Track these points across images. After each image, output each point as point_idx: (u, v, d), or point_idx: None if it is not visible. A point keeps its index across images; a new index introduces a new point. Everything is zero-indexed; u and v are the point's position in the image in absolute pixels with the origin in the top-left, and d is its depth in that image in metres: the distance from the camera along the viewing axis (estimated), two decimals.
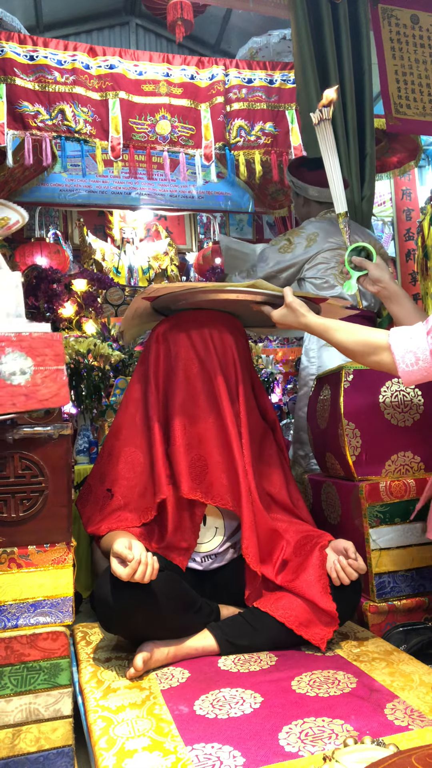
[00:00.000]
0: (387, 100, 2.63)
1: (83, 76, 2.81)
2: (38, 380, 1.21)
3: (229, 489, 1.58)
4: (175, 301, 1.66)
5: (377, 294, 1.66)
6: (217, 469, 1.58)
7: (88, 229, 5.59)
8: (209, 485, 1.57)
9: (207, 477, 1.58)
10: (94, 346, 3.11)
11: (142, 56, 2.95)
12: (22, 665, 1.21)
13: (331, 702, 1.20)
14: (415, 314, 1.59)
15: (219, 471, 1.58)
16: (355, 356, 1.45)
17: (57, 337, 1.25)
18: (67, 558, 1.28)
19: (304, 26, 2.38)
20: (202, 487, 1.57)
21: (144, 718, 1.18)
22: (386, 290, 1.63)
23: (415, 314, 1.59)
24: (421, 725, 1.10)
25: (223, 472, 1.59)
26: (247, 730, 1.12)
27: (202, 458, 1.59)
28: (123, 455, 1.65)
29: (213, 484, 1.58)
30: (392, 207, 5.92)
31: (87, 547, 2.42)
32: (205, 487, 1.57)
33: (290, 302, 1.52)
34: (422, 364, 1.31)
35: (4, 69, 2.70)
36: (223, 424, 1.60)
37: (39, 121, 2.74)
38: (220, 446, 1.60)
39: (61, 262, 4.74)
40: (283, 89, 3.06)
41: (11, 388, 1.19)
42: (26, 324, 1.27)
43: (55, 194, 4.75)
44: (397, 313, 1.63)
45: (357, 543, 1.55)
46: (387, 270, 1.65)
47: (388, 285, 1.63)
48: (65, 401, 1.23)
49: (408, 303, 1.63)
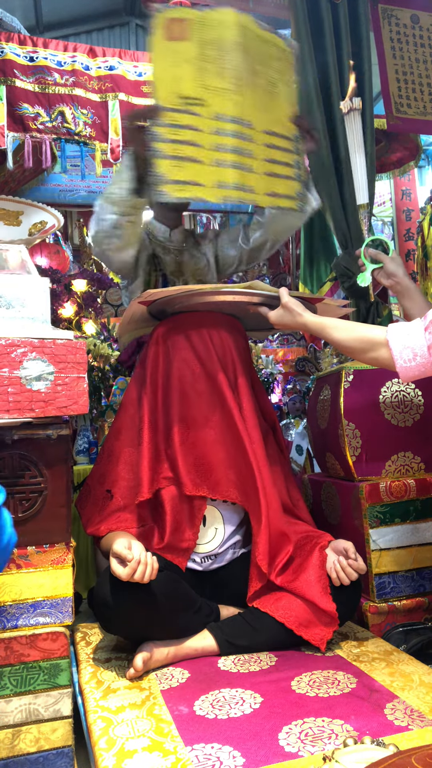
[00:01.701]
0: (387, 100, 2.63)
1: (83, 77, 2.81)
2: (58, 387, 1.21)
3: (237, 484, 1.59)
4: (171, 305, 1.66)
5: (390, 288, 1.65)
6: (223, 466, 1.59)
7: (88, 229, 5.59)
8: (216, 481, 1.58)
9: (213, 474, 1.58)
10: (94, 347, 3.11)
11: (141, 57, 2.95)
12: (21, 665, 1.21)
13: (331, 702, 1.20)
14: (425, 310, 1.55)
15: (225, 467, 1.59)
16: (353, 353, 1.45)
17: (80, 345, 1.25)
18: (67, 558, 1.28)
19: (304, 26, 2.38)
20: (209, 483, 1.58)
21: (144, 719, 1.18)
22: (400, 285, 1.62)
23: (425, 310, 1.55)
24: (421, 725, 1.10)
25: (230, 468, 1.59)
26: (247, 730, 1.12)
27: (207, 456, 1.59)
28: (123, 456, 1.65)
29: (220, 481, 1.58)
30: (392, 207, 5.92)
31: (87, 547, 2.43)
32: (212, 483, 1.58)
33: (286, 302, 1.52)
34: (420, 359, 1.31)
35: (4, 71, 2.70)
36: (230, 422, 1.60)
37: (39, 123, 2.74)
38: (227, 443, 1.60)
39: (60, 263, 4.74)
40: None
41: (31, 393, 1.19)
42: (51, 330, 1.27)
43: (55, 195, 4.75)
44: (409, 308, 1.62)
45: (357, 543, 1.55)
46: (402, 265, 1.64)
47: (402, 280, 1.62)
48: (84, 410, 1.23)
49: (420, 299, 1.62)
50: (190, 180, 1.58)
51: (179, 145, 1.58)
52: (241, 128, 1.63)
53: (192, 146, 1.59)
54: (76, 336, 1.33)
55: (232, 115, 1.62)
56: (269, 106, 1.70)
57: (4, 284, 1.28)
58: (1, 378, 1.18)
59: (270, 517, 1.56)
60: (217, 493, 1.58)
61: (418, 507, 1.74)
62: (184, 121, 1.59)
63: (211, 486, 1.58)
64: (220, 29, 1.61)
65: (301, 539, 1.59)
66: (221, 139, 1.60)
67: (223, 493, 1.58)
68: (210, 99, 1.61)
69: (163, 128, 1.57)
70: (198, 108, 1.60)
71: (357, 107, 1.61)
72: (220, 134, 1.61)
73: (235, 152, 1.62)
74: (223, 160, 1.60)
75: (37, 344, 1.21)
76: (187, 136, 1.58)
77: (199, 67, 1.60)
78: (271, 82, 1.70)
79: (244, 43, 1.63)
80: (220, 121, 1.61)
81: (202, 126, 1.60)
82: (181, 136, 1.58)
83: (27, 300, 1.30)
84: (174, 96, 1.59)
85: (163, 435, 1.62)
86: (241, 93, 1.62)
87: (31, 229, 2.56)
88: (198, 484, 1.57)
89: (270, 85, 1.70)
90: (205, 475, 1.58)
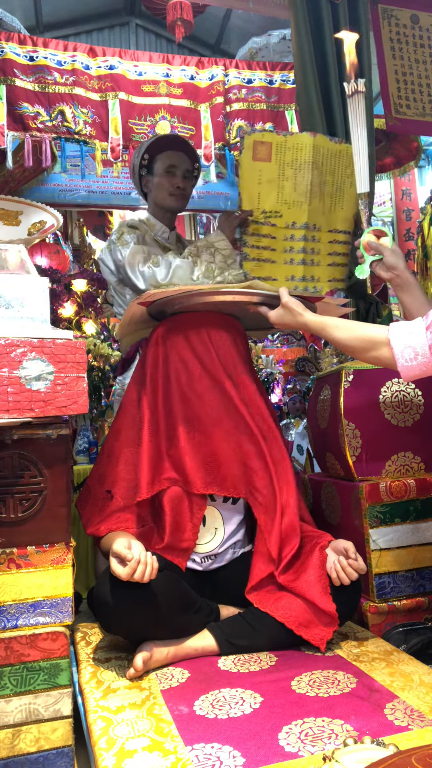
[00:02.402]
0: (387, 100, 2.62)
1: (83, 76, 2.81)
2: (58, 387, 1.21)
3: (245, 481, 1.59)
4: (170, 305, 1.65)
5: (390, 281, 1.59)
6: (231, 462, 1.60)
7: (88, 229, 5.59)
8: (223, 479, 1.59)
9: (222, 471, 1.59)
10: (94, 347, 3.12)
11: (141, 57, 2.96)
12: (21, 665, 1.21)
13: (331, 702, 1.20)
14: (425, 306, 1.54)
15: (234, 464, 1.60)
16: (354, 352, 1.44)
17: (80, 345, 1.25)
18: (67, 558, 1.28)
19: (304, 26, 2.38)
20: (218, 480, 1.59)
21: (144, 719, 1.18)
22: (400, 278, 1.56)
23: (425, 306, 1.54)
24: (421, 725, 1.10)
25: (239, 465, 1.60)
26: (247, 730, 1.12)
27: (214, 454, 1.59)
28: (123, 457, 1.64)
29: (226, 477, 1.59)
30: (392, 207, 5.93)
31: (87, 547, 2.43)
32: (220, 480, 1.59)
33: (286, 302, 1.52)
34: (421, 359, 1.31)
35: (4, 70, 2.70)
36: (238, 420, 1.61)
37: (39, 123, 2.74)
38: (236, 441, 1.60)
39: (60, 262, 4.75)
40: (283, 90, 3.07)
41: (31, 393, 1.19)
42: (50, 330, 1.27)
43: (55, 194, 4.74)
44: (407, 303, 1.58)
45: (357, 543, 1.55)
46: (402, 257, 1.58)
47: (403, 273, 1.56)
48: (84, 410, 1.23)
49: (420, 294, 1.57)
50: (266, 276, 1.98)
51: (260, 250, 2.00)
52: (309, 232, 2.00)
53: (269, 250, 2.01)
54: (76, 336, 1.33)
55: (302, 222, 1.99)
56: (335, 207, 2.04)
57: (3, 284, 1.28)
58: (0, 378, 1.18)
59: (284, 509, 1.57)
60: (224, 490, 1.59)
61: (418, 507, 1.74)
62: (264, 231, 1.99)
63: (220, 483, 1.58)
64: (296, 151, 1.94)
65: (301, 539, 1.59)
66: (292, 243, 2.00)
67: (234, 490, 1.59)
68: (285, 211, 1.98)
69: (249, 237, 1.99)
70: (275, 219, 1.99)
71: (361, 89, 1.59)
72: (291, 240, 1.99)
73: (303, 252, 2.01)
74: (293, 259, 2.01)
75: (37, 344, 1.21)
76: (265, 243, 2.00)
77: (278, 185, 1.95)
78: (339, 187, 2.02)
79: (317, 161, 1.96)
80: (292, 229, 2.00)
81: (278, 234, 2.00)
82: (261, 243, 2.00)
83: (26, 300, 1.29)
84: (257, 210, 1.98)
85: (164, 435, 1.62)
86: (310, 203, 1.97)
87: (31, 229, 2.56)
88: (208, 483, 1.58)
89: (338, 191, 2.03)
90: (213, 473, 1.59)
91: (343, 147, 2.01)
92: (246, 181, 1.95)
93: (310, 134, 1.95)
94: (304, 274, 2.01)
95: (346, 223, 2.06)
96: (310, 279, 2.02)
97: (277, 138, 1.93)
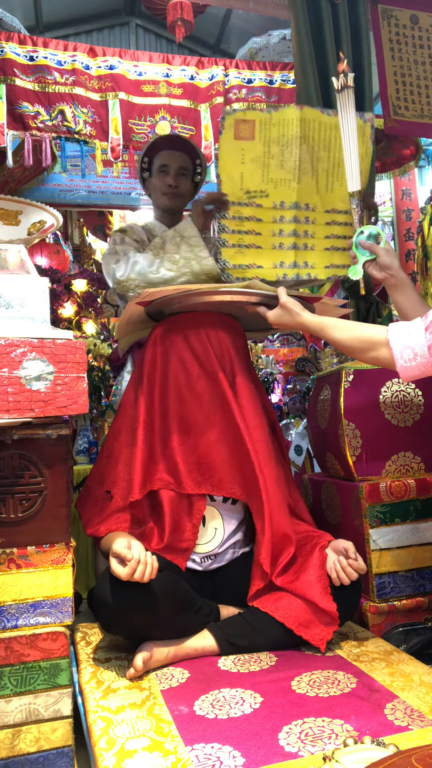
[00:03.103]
0: (385, 102, 2.62)
1: (83, 76, 2.82)
2: (58, 387, 1.21)
3: (241, 482, 1.59)
4: (169, 305, 1.65)
5: (383, 281, 1.59)
6: (226, 464, 1.59)
7: (88, 229, 5.60)
8: (219, 479, 1.58)
9: (216, 472, 1.58)
10: (94, 346, 3.12)
11: (141, 57, 2.96)
12: (21, 665, 1.21)
13: (331, 702, 1.20)
14: (419, 306, 1.54)
15: (228, 466, 1.59)
16: (353, 353, 1.44)
17: (80, 345, 1.25)
18: (67, 558, 1.28)
19: (304, 26, 2.38)
20: (212, 481, 1.58)
21: (144, 719, 1.18)
22: (394, 278, 1.56)
23: (419, 306, 1.54)
24: (421, 725, 1.10)
25: (233, 467, 1.59)
26: (247, 730, 1.12)
27: (209, 455, 1.59)
28: (122, 457, 1.64)
29: (223, 479, 1.58)
30: (392, 207, 5.93)
31: (87, 547, 2.43)
32: (216, 480, 1.58)
33: (285, 302, 1.52)
34: (420, 359, 1.31)
35: (4, 69, 2.71)
36: (231, 422, 1.60)
37: (39, 122, 2.75)
38: (229, 443, 1.60)
39: (61, 262, 4.75)
40: (283, 89, 3.07)
41: (31, 393, 1.19)
42: (50, 330, 1.27)
43: (55, 194, 4.75)
44: (401, 303, 1.57)
45: (357, 543, 1.55)
46: (396, 257, 1.58)
47: (397, 273, 1.56)
48: (84, 410, 1.23)
49: (413, 294, 1.57)
50: (251, 263, 1.78)
51: (242, 235, 1.79)
52: (301, 212, 1.79)
53: (253, 235, 1.79)
54: (76, 336, 1.33)
55: (292, 202, 1.78)
56: (333, 185, 1.83)
57: (3, 284, 1.28)
58: (0, 378, 1.18)
59: (273, 517, 1.56)
60: (221, 490, 1.58)
61: (418, 507, 1.74)
62: (247, 213, 1.79)
63: (214, 484, 1.58)
64: (282, 127, 1.75)
65: (302, 539, 1.59)
66: (281, 226, 1.79)
67: (227, 490, 1.58)
68: (271, 190, 1.78)
69: (228, 221, 1.78)
70: (260, 200, 1.78)
71: (350, 84, 1.57)
72: (280, 221, 1.79)
73: (294, 235, 1.79)
74: (281, 243, 1.79)
75: (37, 344, 1.21)
76: (249, 227, 1.79)
77: (263, 164, 1.76)
78: (337, 162, 1.80)
79: (306, 135, 1.77)
80: (281, 209, 1.79)
81: (264, 216, 1.79)
82: (244, 227, 1.79)
83: (26, 300, 1.29)
84: (239, 191, 1.77)
85: (159, 436, 1.62)
86: (299, 180, 1.77)
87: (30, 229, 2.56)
88: (200, 483, 1.57)
89: (335, 167, 1.81)
90: (207, 474, 1.58)
91: (337, 120, 1.79)
92: (226, 163, 1.76)
93: (296, 107, 1.77)
94: (296, 259, 1.79)
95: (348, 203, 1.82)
96: (302, 265, 1.80)
97: (261, 115, 1.74)
